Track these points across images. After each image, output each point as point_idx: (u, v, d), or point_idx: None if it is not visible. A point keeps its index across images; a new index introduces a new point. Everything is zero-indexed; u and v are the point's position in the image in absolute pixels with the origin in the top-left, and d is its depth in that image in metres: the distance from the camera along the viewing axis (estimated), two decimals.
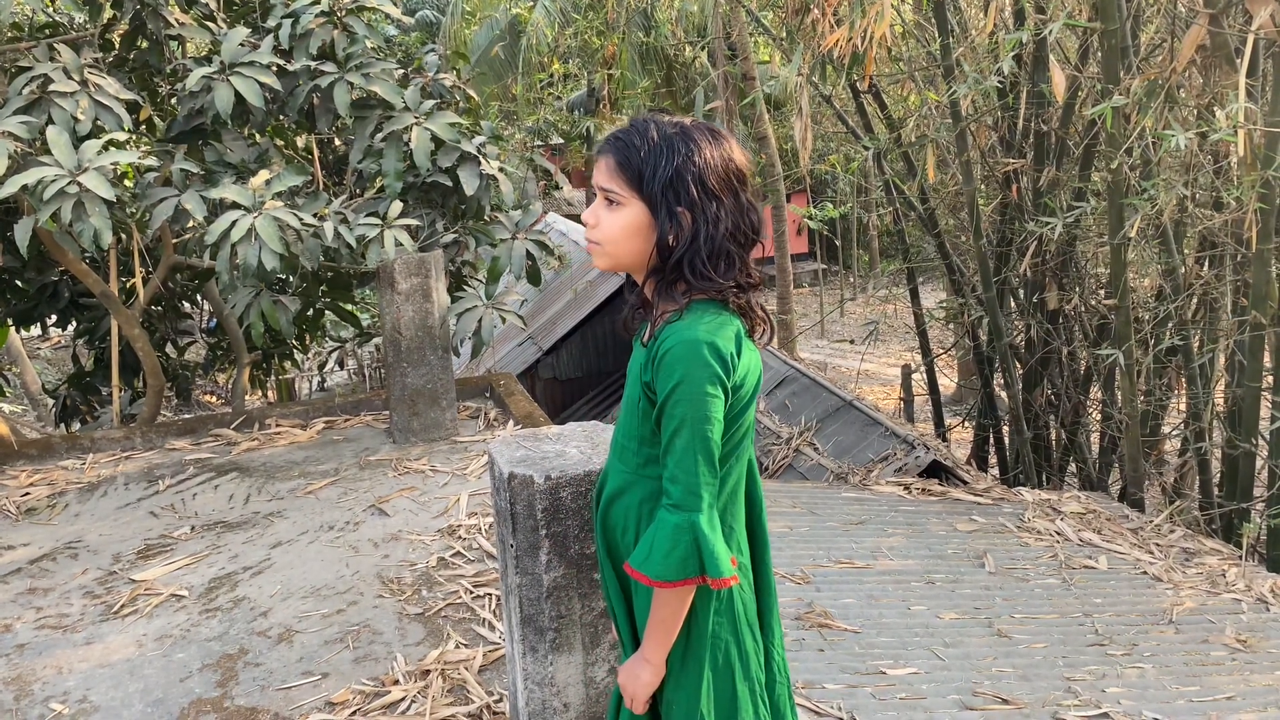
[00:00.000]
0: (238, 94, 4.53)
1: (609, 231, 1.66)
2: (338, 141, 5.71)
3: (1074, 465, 7.61)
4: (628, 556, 1.72)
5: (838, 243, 22.17)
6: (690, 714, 1.72)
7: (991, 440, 8.28)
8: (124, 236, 5.16)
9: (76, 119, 4.30)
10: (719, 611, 1.71)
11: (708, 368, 1.57)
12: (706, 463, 1.59)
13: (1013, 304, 7.53)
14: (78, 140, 4.23)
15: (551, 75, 20.22)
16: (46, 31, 5.24)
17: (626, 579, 1.78)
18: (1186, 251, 6.39)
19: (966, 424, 9.70)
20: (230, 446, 4.96)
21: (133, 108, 4.85)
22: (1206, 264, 6.37)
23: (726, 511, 1.71)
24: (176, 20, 5.00)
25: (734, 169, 1.64)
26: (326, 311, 6.03)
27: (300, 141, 5.78)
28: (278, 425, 5.21)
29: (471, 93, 5.65)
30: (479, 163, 4.91)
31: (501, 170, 5.04)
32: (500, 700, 2.69)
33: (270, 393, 8.68)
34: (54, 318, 6.12)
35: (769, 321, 1.72)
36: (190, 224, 4.47)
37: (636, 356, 1.72)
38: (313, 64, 4.78)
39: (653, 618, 1.68)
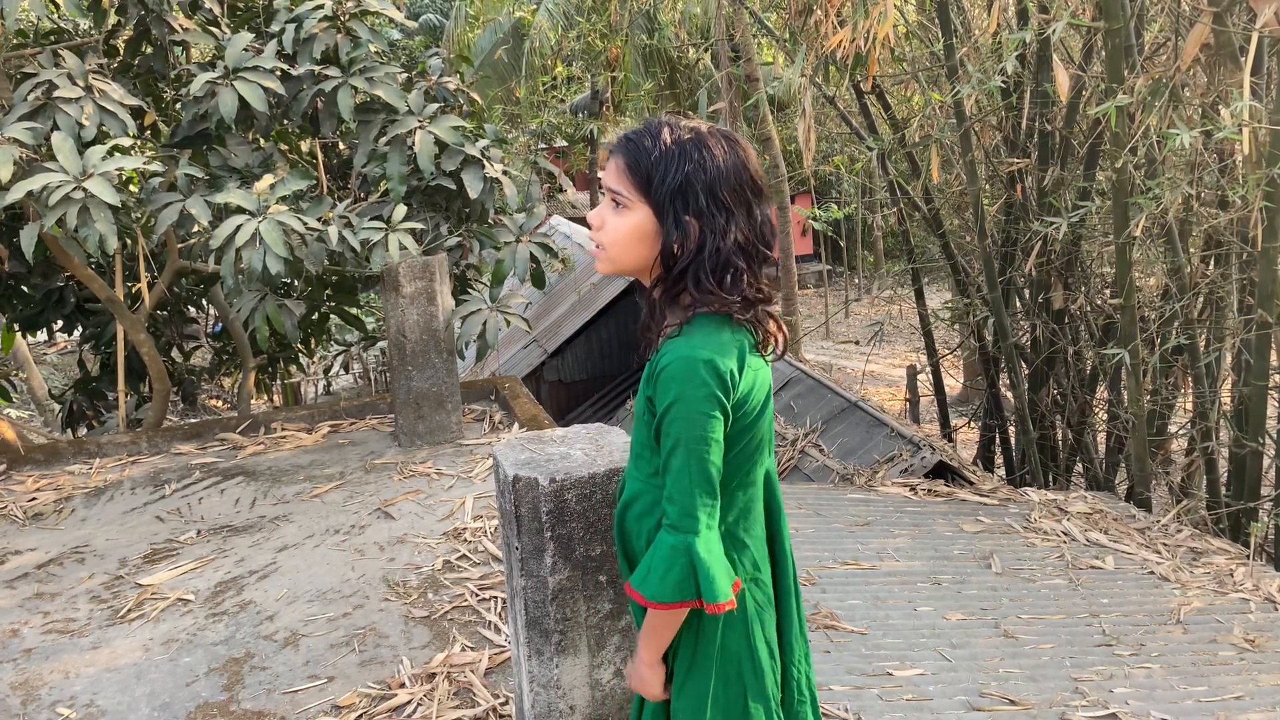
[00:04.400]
0: (242, 99, 4.54)
1: (613, 235, 1.61)
2: (342, 146, 5.72)
3: (1080, 465, 7.59)
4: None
5: (842, 244, 22.19)
6: None
7: (997, 440, 8.26)
8: (129, 242, 5.17)
9: (81, 125, 4.31)
10: (729, 624, 1.67)
11: (704, 386, 1.51)
12: (703, 484, 1.54)
13: (1018, 304, 7.52)
14: (82, 146, 4.25)
15: (555, 78, 20.25)
16: (51, 38, 5.26)
17: None
18: (1192, 250, 6.37)
19: (972, 424, 9.68)
20: (236, 450, 4.96)
21: (137, 113, 4.86)
22: (1212, 263, 6.35)
23: (738, 525, 1.66)
24: (180, 26, 5.01)
25: (748, 179, 1.58)
26: (331, 315, 6.04)
27: (304, 146, 5.80)
28: (283, 429, 5.22)
29: (475, 96, 5.65)
30: (483, 166, 4.91)
31: (505, 173, 5.04)
32: (506, 703, 2.69)
33: (276, 397, 8.70)
34: (60, 323, 6.14)
35: (782, 333, 1.65)
36: (195, 229, 4.48)
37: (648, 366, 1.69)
38: (316, 68, 4.79)
39: (646, 625, 1.67)
